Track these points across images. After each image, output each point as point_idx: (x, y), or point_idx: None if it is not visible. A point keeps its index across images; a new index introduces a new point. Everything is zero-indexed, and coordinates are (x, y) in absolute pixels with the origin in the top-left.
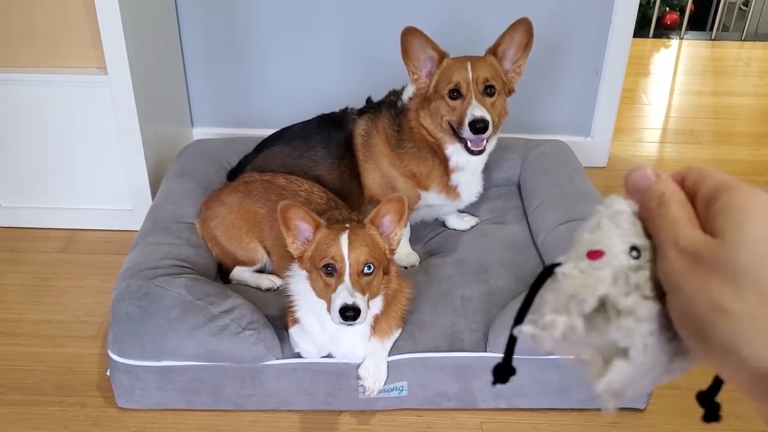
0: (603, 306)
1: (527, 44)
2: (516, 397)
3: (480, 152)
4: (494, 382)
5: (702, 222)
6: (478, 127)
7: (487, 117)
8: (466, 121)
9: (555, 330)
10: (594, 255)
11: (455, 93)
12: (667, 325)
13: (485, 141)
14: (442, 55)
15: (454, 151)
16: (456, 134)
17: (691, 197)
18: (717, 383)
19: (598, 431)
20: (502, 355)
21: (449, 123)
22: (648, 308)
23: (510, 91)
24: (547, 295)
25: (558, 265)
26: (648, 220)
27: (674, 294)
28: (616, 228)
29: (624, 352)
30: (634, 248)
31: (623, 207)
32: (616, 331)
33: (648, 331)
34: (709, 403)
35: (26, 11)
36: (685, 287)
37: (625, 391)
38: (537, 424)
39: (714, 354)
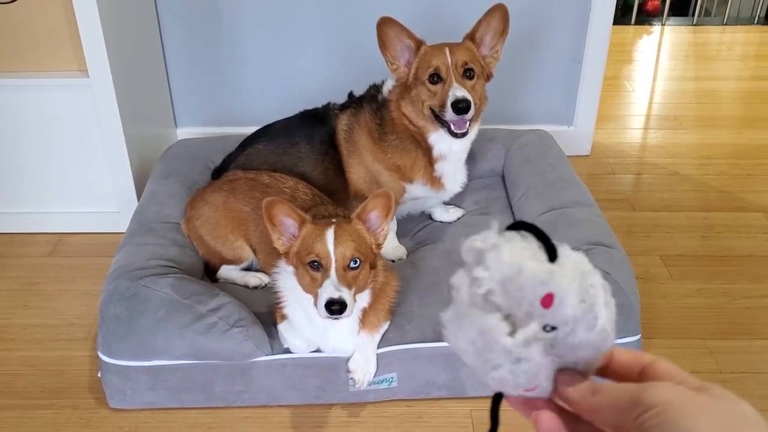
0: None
1: (503, 30)
2: None
3: (463, 135)
4: None
5: None
6: (461, 106)
7: (469, 97)
8: (449, 102)
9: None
10: (547, 301)
11: (435, 77)
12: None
13: (468, 123)
14: (419, 43)
15: (437, 139)
16: (438, 119)
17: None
18: (497, 398)
19: None
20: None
21: (431, 108)
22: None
23: (489, 76)
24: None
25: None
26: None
27: None
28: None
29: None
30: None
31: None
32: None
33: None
34: (494, 416)
35: (5, 16)
36: None
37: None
38: None
39: None
